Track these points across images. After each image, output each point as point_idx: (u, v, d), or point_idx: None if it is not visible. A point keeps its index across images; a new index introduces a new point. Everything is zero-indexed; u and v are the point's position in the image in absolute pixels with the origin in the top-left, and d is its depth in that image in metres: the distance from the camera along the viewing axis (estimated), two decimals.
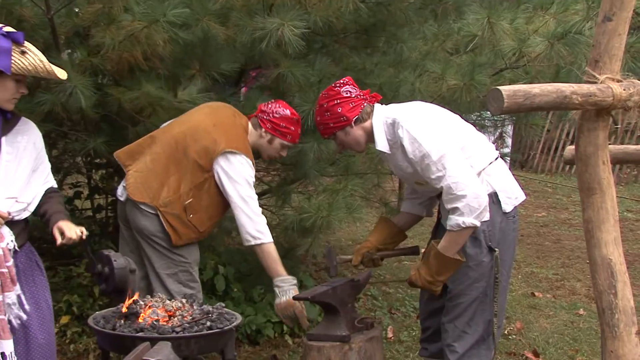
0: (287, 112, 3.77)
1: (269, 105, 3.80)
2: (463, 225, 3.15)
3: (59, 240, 3.10)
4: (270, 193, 5.21)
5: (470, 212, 3.13)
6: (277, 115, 3.76)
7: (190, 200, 3.66)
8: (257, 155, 3.93)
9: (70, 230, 3.10)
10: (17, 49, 2.90)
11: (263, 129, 3.78)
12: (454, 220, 3.17)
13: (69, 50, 4.18)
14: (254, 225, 3.65)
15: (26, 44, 2.94)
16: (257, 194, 5.75)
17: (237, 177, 3.63)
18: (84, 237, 3.13)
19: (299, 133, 3.85)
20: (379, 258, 3.71)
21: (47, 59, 3.00)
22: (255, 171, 3.74)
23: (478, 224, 3.17)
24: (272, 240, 3.70)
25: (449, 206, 3.19)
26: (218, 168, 3.64)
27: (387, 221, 3.79)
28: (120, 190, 3.82)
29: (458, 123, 3.44)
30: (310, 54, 4.52)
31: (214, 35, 3.98)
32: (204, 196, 3.68)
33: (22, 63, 2.91)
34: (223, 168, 3.63)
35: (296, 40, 3.76)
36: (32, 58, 2.92)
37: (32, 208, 3.14)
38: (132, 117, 4.15)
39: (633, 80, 2.59)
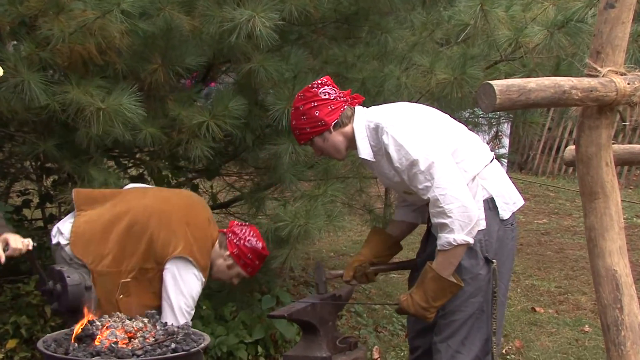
0: (259, 245, 3.76)
1: (243, 230, 3.78)
2: (454, 243, 3.16)
3: (2, 257, 3.06)
4: (242, 200, 5.20)
5: (460, 227, 3.13)
6: (248, 245, 3.73)
7: (129, 280, 3.58)
8: None
9: (16, 241, 3.07)
10: None
11: (227, 252, 3.74)
12: (444, 238, 3.17)
13: (15, 42, 4.14)
14: None
15: None
16: (228, 200, 5.79)
17: (185, 289, 3.57)
18: (30, 248, 3.10)
19: (259, 268, 3.86)
20: (373, 273, 3.70)
21: None
22: (227, 175, 3.72)
23: (471, 240, 3.18)
24: None
25: (436, 221, 3.19)
26: (171, 268, 3.57)
27: (380, 232, 3.78)
28: (55, 231, 3.69)
29: (448, 124, 3.44)
30: (285, 46, 4.51)
31: (178, 26, 3.97)
32: (144, 283, 3.61)
33: None
34: (175, 272, 3.57)
35: (269, 34, 3.75)
36: None
37: None
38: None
39: (638, 73, 2.60)
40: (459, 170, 3.23)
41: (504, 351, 5.21)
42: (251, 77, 4.20)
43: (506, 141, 10.27)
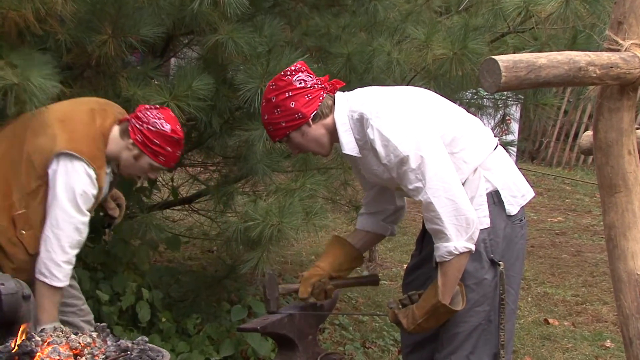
0: (167, 127, 3.69)
1: (148, 113, 3.72)
2: (456, 252, 3.17)
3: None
4: (208, 194, 5.20)
5: (458, 234, 3.15)
6: (152, 129, 3.67)
7: (23, 211, 3.58)
8: None
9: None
10: None
11: (131, 140, 3.69)
12: (442, 248, 3.18)
13: None
14: (54, 264, 3.55)
15: None
16: (192, 195, 5.78)
17: (71, 181, 3.54)
18: None
19: (177, 156, 3.81)
20: (333, 288, 3.70)
21: None
22: (190, 166, 3.70)
23: (473, 247, 3.19)
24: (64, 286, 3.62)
25: (430, 227, 3.20)
26: (53, 169, 3.56)
27: (343, 242, 3.77)
28: None
29: (445, 109, 3.44)
30: (258, 15, 4.50)
31: None
32: (38, 209, 3.59)
33: None
34: (58, 170, 3.55)
35: (238, 0, 3.74)
36: None
37: None
38: None
39: None
40: (455, 164, 3.24)
41: None
42: (218, 51, 4.19)
43: (515, 126, 10.33)
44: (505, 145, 5.52)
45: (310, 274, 3.67)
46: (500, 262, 3.32)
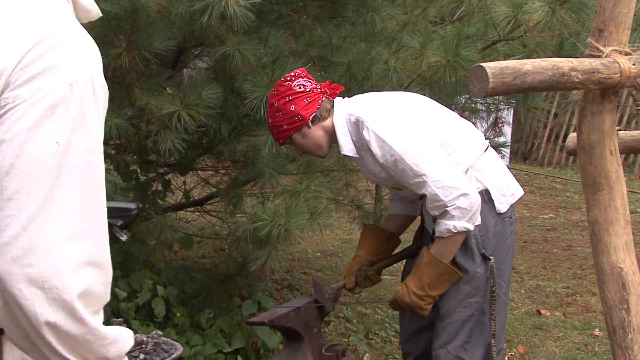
0: None
1: None
2: (454, 230, 3.18)
3: None
4: (218, 196, 5.21)
5: (461, 214, 3.16)
6: None
7: None
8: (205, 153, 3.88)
9: None
10: None
11: None
12: (444, 225, 3.19)
13: None
14: None
15: None
16: (203, 197, 5.80)
17: None
18: None
19: None
20: (376, 272, 3.72)
21: None
22: (201, 170, 3.68)
23: (472, 227, 3.20)
24: None
25: (436, 213, 3.21)
26: None
27: (373, 228, 3.80)
28: None
29: (437, 113, 3.45)
30: (264, 27, 4.51)
31: (144, 6, 3.96)
32: None
33: None
34: None
35: (244, 14, 3.75)
36: None
37: None
38: None
39: None
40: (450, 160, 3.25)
41: (506, 357, 5.24)
42: (226, 61, 4.19)
43: (508, 129, 10.33)
44: (498, 146, 5.53)
45: (351, 265, 3.72)
46: (491, 257, 3.33)
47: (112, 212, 2.22)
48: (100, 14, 1.69)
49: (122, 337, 1.52)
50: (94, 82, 1.48)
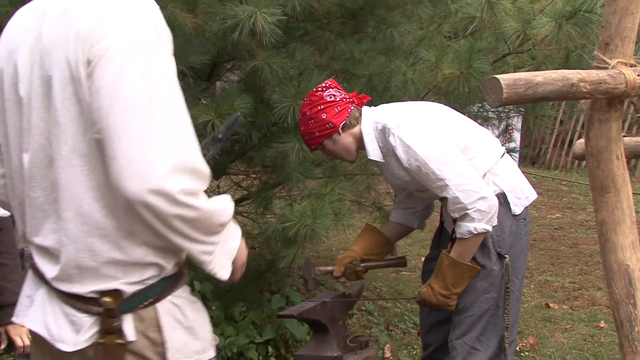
0: None
1: None
2: (475, 232, 3.16)
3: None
4: (249, 199, 5.20)
5: (481, 217, 3.14)
6: None
7: None
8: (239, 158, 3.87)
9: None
10: None
11: None
12: (464, 227, 3.17)
13: None
14: None
15: None
16: (236, 200, 5.80)
17: None
18: None
19: None
20: (363, 270, 3.69)
21: None
22: (234, 174, 3.69)
23: (490, 228, 3.18)
24: None
25: (456, 215, 3.19)
26: None
27: (373, 229, 3.78)
28: None
29: (457, 121, 3.43)
30: (291, 43, 4.50)
31: (181, 24, 3.96)
32: None
33: None
34: None
35: (272, 30, 3.74)
36: None
37: None
38: None
39: None
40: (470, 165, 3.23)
41: (518, 348, 5.19)
42: (256, 74, 4.20)
43: (517, 135, 10.27)
44: (508, 151, 5.47)
45: (344, 255, 3.70)
46: (506, 255, 3.31)
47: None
48: None
49: (226, 203, 1.87)
50: (158, 28, 1.75)
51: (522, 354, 5.19)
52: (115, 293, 1.76)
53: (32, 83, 1.75)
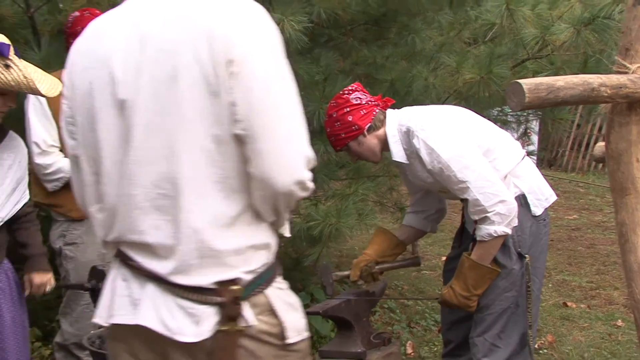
0: None
1: None
2: (495, 235, 3.14)
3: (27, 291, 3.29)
4: None
5: (501, 220, 3.11)
6: None
7: None
8: None
9: (40, 288, 3.31)
10: (1, 62, 2.90)
11: None
12: (485, 230, 3.15)
13: None
14: None
15: (13, 57, 2.93)
16: None
17: None
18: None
19: None
20: (378, 272, 3.68)
21: (42, 68, 3.03)
22: None
23: (509, 231, 3.16)
24: None
25: (476, 217, 3.17)
26: None
27: (385, 232, 3.77)
28: None
29: (479, 124, 3.41)
30: (316, 49, 4.51)
31: None
32: None
33: (5, 78, 2.90)
34: None
35: (299, 37, 3.75)
36: (16, 73, 2.92)
37: (6, 218, 3.16)
38: None
39: None
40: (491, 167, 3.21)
41: (537, 346, 5.15)
42: None
43: (535, 138, 10.21)
44: (527, 154, 5.46)
45: (359, 260, 3.68)
46: (526, 255, 3.28)
47: None
48: None
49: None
50: (277, 30, 1.80)
51: (540, 352, 5.15)
52: (237, 282, 1.78)
53: (139, 85, 1.73)
